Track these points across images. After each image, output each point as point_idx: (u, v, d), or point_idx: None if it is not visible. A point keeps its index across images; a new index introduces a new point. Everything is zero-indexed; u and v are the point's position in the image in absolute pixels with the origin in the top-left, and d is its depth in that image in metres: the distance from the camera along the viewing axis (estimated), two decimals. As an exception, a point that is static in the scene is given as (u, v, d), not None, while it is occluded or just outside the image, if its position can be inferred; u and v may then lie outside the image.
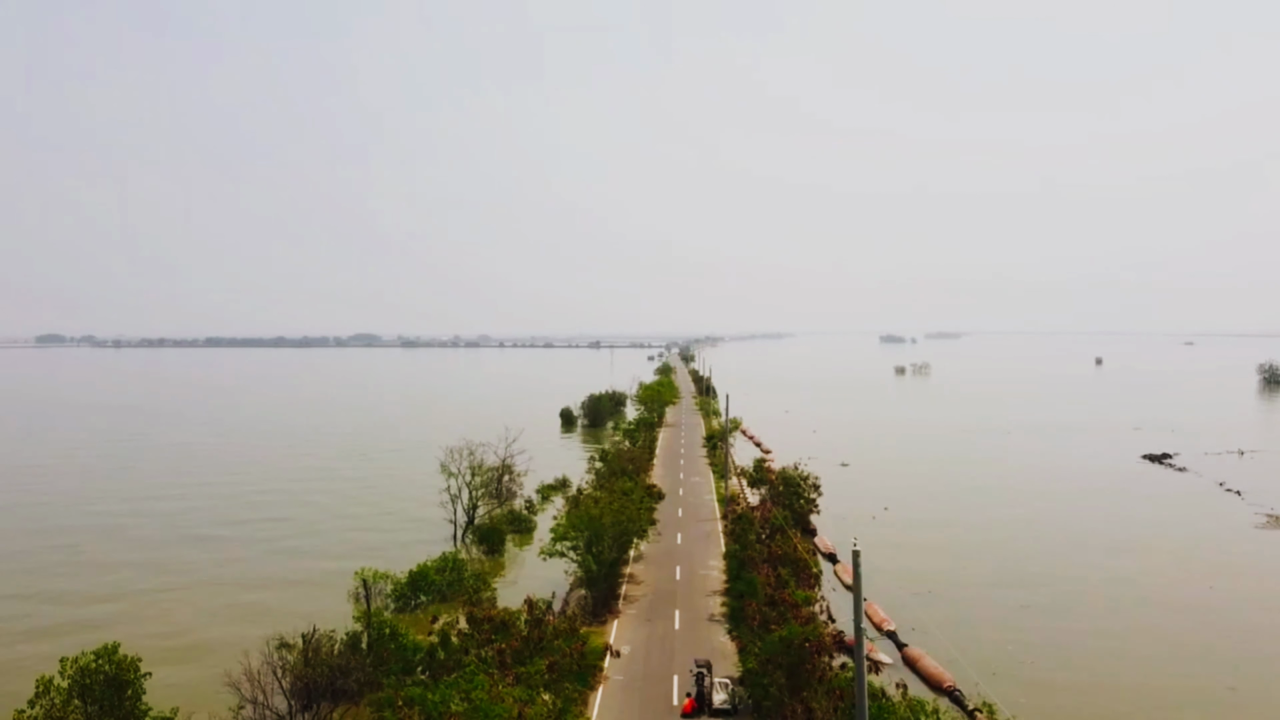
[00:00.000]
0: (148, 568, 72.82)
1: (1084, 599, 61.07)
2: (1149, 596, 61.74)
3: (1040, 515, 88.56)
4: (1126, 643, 52.77)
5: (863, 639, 29.36)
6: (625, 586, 58.98)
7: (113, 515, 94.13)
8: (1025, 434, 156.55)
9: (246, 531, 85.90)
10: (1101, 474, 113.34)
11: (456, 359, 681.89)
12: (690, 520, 79.74)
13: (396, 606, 58.86)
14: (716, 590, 57.91)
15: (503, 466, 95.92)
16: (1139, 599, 61.10)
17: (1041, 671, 48.00)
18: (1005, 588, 63.47)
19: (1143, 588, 63.82)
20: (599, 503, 58.09)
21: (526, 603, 37.22)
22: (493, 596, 60.59)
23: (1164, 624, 56.30)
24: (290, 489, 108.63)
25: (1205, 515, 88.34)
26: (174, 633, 57.55)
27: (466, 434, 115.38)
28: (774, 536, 54.50)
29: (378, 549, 76.53)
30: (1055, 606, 59.16)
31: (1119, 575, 66.84)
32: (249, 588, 67.37)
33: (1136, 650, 51.68)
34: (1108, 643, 52.49)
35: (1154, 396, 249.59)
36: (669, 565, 64.58)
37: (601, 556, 54.05)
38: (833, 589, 60.81)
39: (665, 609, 54.58)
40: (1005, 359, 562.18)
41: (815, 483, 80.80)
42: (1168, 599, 61.30)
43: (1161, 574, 67.53)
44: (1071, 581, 65.08)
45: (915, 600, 59.38)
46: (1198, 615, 57.73)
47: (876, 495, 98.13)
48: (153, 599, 64.72)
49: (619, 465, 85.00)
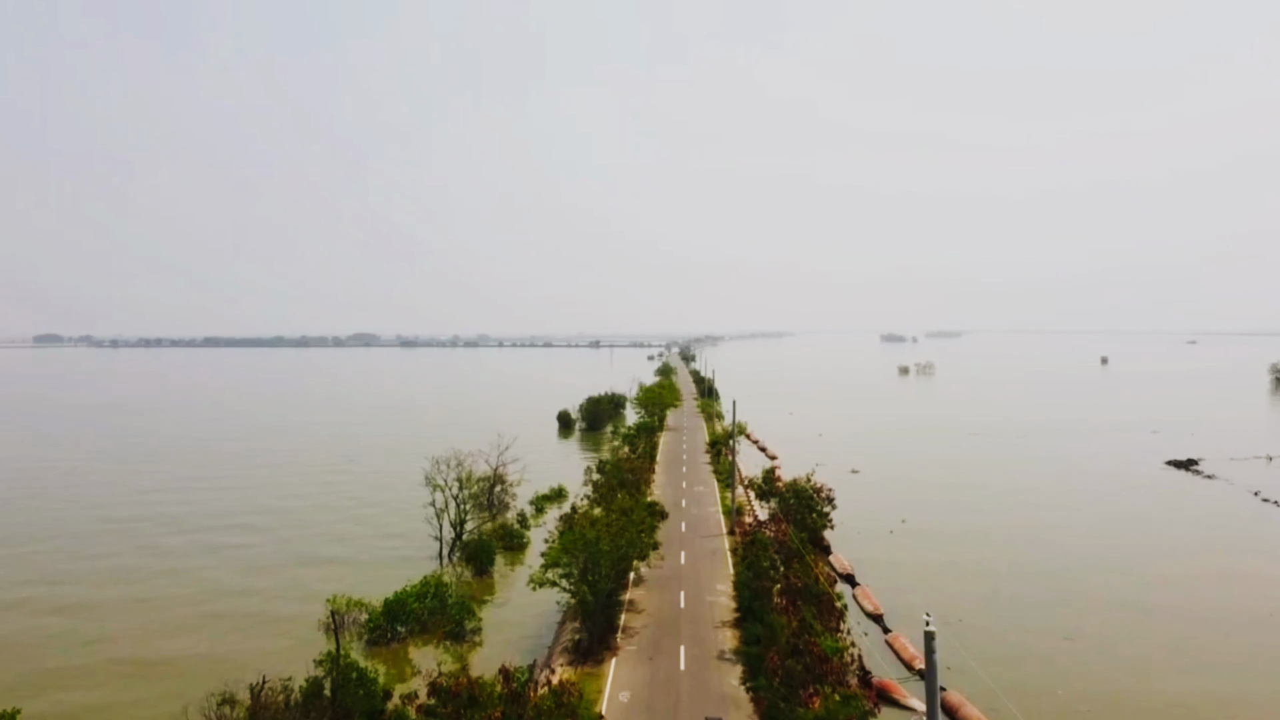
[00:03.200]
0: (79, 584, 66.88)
1: (1135, 630, 55.14)
2: (1200, 617, 55.92)
3: (1068, 529, 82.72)
4: (1197, 682, 46.97)
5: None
6: (624, 616, 53.21)
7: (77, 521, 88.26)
8: (1039, 437, 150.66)
9: (201, 551, 79.71)
10: (1126, 482, 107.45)
11: (455, 359, 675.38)
12: (694, 535, 73.94)
13: (371, 639, 53.09)
14: (726, 621, 52.09)
15: (495, 476, 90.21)
16: (1191, 621, 55.30)
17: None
18: (1044, 615, 57.52)
19: (1194, 612, 57.99)
20: (595, 523, 52.17)
21: (502, 673, 31.50)
22: (478, 627, 54.92)
23: (1233, 659, 50.39)
24: (262, 498, 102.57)
25: (1248, 531, 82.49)
26: (98, 680, 51.60)
27: (461, 437, 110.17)
28: (791, 563, 48.61)
29: (356, 568, 70.76)
30: (1104, 639, 53.18)
31: (1169, 601, 61.01)
32: (183, 629, 58.13)
33: (1207, 688, 45.85)
34: (1172, 683, 46.70)
35: (1165, 397, 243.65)
36: (672, 589, 58.75)
37: (598, 587, 48.19)
38: (858, 625, 54.77)
39: (669, 644, 48.77)
40: (1008, 358, 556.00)
41: (829, 495, 75.01)
42: (1232, 629, 55.39)
43: (1215, 598, 61.61)
44: (1117, 608, 59.14)
45: (947, 631, 53.39)
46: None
47: (891, 505, 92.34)
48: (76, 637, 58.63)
49: (618, 477, 79.08)
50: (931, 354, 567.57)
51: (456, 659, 52.05)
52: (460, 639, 53.80)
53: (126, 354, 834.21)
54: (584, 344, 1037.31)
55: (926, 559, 72.04)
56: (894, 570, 67.51)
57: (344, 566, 72.04)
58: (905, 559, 71.79)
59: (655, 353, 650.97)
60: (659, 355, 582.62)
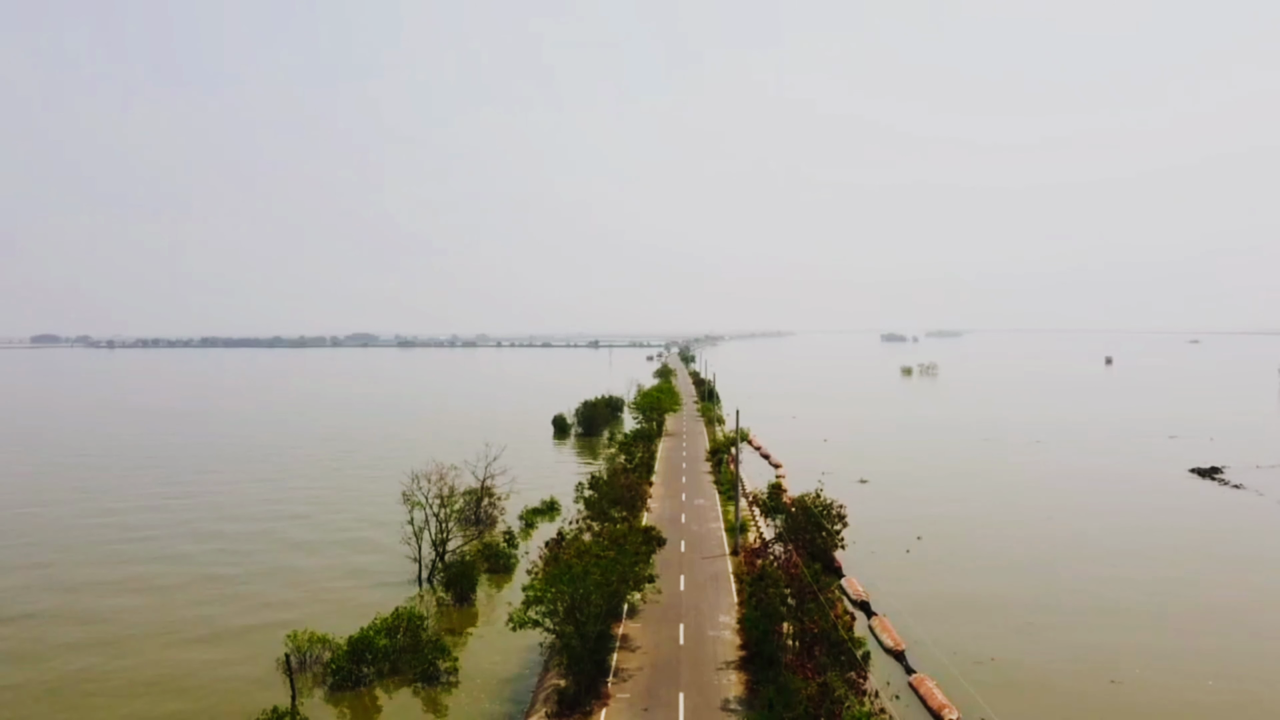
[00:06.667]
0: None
1: (1188, 670, 49.58)
2: (1260, 654, 50.37)
3: (1098, 546, 77.18)
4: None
5: None
6: (616, 655, 47.59)
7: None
8: (1054, 443, 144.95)
9: (156, 569, 73.97)
10: (1153, 493, 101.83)
11: (453, 359, 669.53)
12: (694, 557, 68.31)
13: (334, 684, 47.44)
14: (730, 662, 46.47)
15: (482, 489, 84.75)
16: (1246, 657, 49.75)
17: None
18: (1083, 653, 51.68)
19: (1249, 648, 52.46)
20: (584, 554, 46.50)
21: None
22: (454, 668, 49.25)
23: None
24: (231, 509, 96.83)
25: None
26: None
27: (452, 441, 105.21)
28: (804, 600, 42.99)
29: (323, 595, 65.10)
30: (1152, 684, 47.53)
31: (1216, 634, 55.51)
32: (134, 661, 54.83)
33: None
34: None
35: (1174, 399, 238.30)
36: (670, 623, 53.10)
37: (585, 628, 42.55)
38: (888, 685, 47.29)
39: (667, 691, 43.09)
40: (1010, 358, 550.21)
41: (840, 512, 69.39)
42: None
43: (1272, 628, 56.09)
44: (1164, 644, 53.53)
45: (977, 672, 47.94)
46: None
47: (905, 519, 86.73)
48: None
49: (613, 494, 73.47)
50: (933, 354, 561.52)
51: (429, 706, 46.48)
52: (434, 681, 48.18)
53: (127, 355, 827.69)
54: (583, 344, 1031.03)
55: (948, 583, 66.39)
56: (914, 597, 61.70)
57: (310, 600, 66.40)
58: (925, 583, 66.13)
59: (654, 353, 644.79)
60: (658, 356, 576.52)
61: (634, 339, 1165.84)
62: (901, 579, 66.38)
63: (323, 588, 67.32)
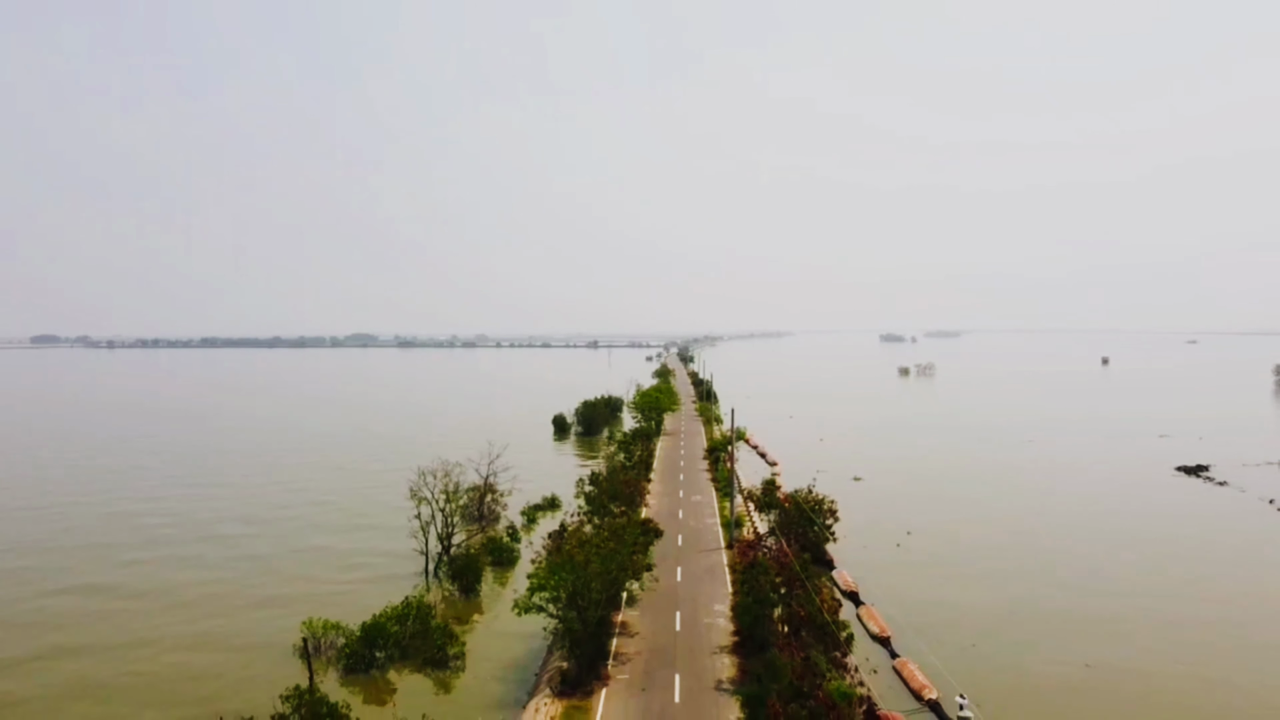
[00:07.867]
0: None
1: (1163, 655, 52.18)
2: (1233, 641, 52.97)
3: (1081, 540, 79.73)
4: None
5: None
6: (616, 640, 50.17)
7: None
8: (1046, 442, 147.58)
9: (169, 564, 76.81)
10: (1138, 490, 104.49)
11: (453, 359, 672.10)
12: (691, 550, 70.88)
13: (347, 666, 50.05)
14: (724, 646, 49.05)
15: (485, 486, 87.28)
16: (1222, 647, 52.34)
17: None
18: (1062, 640, 54.29)
19: (1224, 634, 55.06)
20: (585, 544, 49.09)
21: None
22: (461, 652, 51.85)
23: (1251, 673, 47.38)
24: (242, 506, 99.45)
25: (1271, 543, 79.62)
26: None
27: (452, 441, 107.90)
28: (793, 587, 45.56)
29: (336, 587, 67.70)
30: (1123, 669, 50.15)
31: (1195, 623, 58.12)
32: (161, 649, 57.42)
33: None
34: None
35: (1168, 399, 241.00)
36: (667, 610, 55.70)
37: (587, 614, 45.13)
38: (862, 649, 51.64)
39: (663, 673, 45.70)
40: (1008, 358, 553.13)
41: (831, 507, 72.02)
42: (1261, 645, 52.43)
43: (1244, 618, 58.68)
44: (1138, 631, 56.17)
45: (959, 657, 50.50)
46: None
47: (896, 516, 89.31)
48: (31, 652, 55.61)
49: (612, 490, 76.01)
50: (931, 354, 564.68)
51: (438, 687, 49.06)
52: (443, 666, 50.76)
53: (127, 355, 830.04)
54: (582, 344, 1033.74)
55: (935, 575, 68.99)
56: (901, 587, 64.39)
57: (325, 591, 68.99)
58: (912, 575, 68.74)
59: (654, 353, 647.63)
60: (657, 356, 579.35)
61: (633, 339, 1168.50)
62: (890, 572, 69.01)
63: (333, 581, 69.85)
